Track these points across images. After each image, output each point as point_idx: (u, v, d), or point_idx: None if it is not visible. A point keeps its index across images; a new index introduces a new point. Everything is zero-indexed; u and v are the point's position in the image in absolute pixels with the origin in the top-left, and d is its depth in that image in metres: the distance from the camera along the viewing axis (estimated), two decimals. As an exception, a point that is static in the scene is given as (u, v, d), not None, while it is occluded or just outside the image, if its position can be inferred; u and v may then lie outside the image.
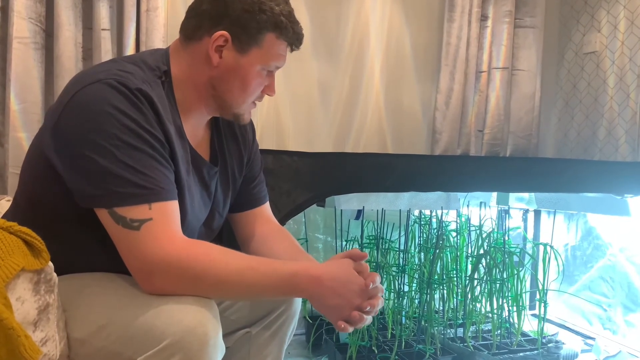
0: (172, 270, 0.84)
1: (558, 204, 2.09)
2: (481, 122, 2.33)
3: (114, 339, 0.83)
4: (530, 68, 2.36)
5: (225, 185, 1.12)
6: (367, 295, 0.93)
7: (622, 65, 2.14)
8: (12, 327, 0.66)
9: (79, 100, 0.86)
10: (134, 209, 0.84)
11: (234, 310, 1.11)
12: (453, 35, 2.23)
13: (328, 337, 1.91)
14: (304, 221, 2.10)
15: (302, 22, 0.92)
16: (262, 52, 0.98)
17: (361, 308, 0.92)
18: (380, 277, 0.97)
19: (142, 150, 0.86)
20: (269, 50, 0.98)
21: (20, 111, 1.58)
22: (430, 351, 1.78)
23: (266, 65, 1.00)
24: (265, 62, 0.99)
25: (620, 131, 2.13)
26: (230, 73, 0.99)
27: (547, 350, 1.82)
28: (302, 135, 2.13)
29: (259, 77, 1.01)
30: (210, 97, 1.02)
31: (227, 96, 1.01)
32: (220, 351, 0.84)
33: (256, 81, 1.01)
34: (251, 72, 0.99)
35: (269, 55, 0.99)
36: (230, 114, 1.04)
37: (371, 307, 0.92)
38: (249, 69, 0.99)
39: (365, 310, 0.92)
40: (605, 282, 2.18)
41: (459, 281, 1.94)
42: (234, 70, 0.98)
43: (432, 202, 1.85)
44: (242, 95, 1.01)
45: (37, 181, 0.94)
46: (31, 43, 1.58)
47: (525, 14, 2.35)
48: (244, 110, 1.04)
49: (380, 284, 0.96)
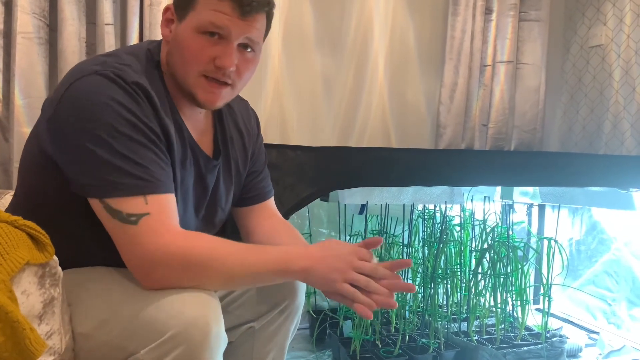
0: (174, 263, 0.84)
1: (562, 198, 2.08)
2: (485, 116, 2.32)
3: (116, 333, 0.83)
4: (535, 62, 2.35)
5: (228, 180, 1.11)
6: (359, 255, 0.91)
7: (628, 58, 2.13)
8: (18, 320, 0.66)
9: (76, 92, 0.86)
10: (129, 201, 0.84)
11: (237, 305, 1.11)
12: (457, 28, 2.22)
13: (332, 332, 1.91)
14: (307, 215, 2.10)
15: (306, 15, 0.91)
16: (196, 15, 0.91)
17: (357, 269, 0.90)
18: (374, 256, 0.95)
19: (138, 142, 0.86)
20: (203, 10, 0.90)
21: (25, 106, 1.58)
22: (434, 345, 1.78)
23: (200, 27, 0.90)
24: (199, 24, 0.90)
25: (625, 125, 2.12)
26: (173, 45, 0.94)
27: (551, 345, 1.82)
28: (306, 129, 2.13)
29: (197, 43, 0.91)
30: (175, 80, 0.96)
31: (175, 71, 0.95)
32: (222, 342, 0.84)
33: (193, 48, 0.91)
34: (186, 37, 0.91)
35: (203, 16, 0.90)
36: (189, 96, 0.95)
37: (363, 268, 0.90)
38: (185, 34, 0.92)
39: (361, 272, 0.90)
40: (610, 277, 2.17)
41: (463, 275, 1.93)
42: (175, 40, 0.93)
43: (436, 196, 1.85)
44: (184, 66, 0.93)
45: (35, 174, 0.94)
46: (35, 38, 1.59)
47: (530, 7, 2.34)
48: (194, 86, 0.94)
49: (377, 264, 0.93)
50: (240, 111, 1.16)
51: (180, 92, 0.96)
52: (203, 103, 0.96)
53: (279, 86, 2.07)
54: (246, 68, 0.97)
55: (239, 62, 0.94)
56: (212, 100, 0.96)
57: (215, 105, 0.97)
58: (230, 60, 0.92)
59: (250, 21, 0.92)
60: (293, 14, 2.07)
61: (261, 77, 2.03)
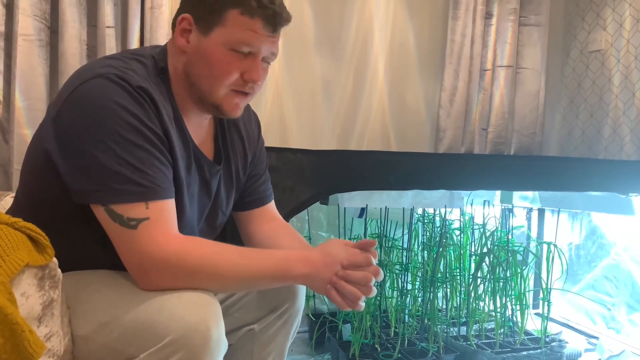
0: (168, 267, 0.84)
1: (562, 203, 2.08)
2: (485, 120, 2.32)
3: (116, 336, 0.83)
4: (534, 66, 2.35)
5: (229, 184, 1.11)
6: (350, 260, 0.92)
7: (628, 63, 2.13)
8: (17, 322, 0.66)
9: (80, 95, 0.86)
10: (131, 207, 0.84)
11: (237, 307, 1.11)
12: (457, 33, 2.23)
13: (331, 335, 1.91)
14: (307, 219, 2.10)
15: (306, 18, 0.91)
16: (225, 31, 0.92)
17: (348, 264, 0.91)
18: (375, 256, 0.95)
19: (141, 148, 0.86)
20: (233, 28, 0.91)
21: (25, 108, 1.58)
22: (433, 349, 1.77)
23: (232, 44, 0.92)
24: (230, 41, 0.92)
25: (625, 130, 2.12)
26: (197, 57, 0.94)
27: (551, 349, 1.81)
28: (306, 132, 2.13)
29: (227, 59, 0.93)
30: (191, 89, 0.97)
31: (199, 83, 0.96)
32: (223, 347, 0.84)
33: (224, 64, 0.93)
34: (215, 53, 0.93)
35: (234, 34, 0.91)
36: (210, 106, 0.98)
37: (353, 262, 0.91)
38: (213, 50, 0.93)
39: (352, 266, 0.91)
40: (609, 281, 2.17)
41: (462, 279, 1.93)
42: (200, 53, 0.94)
43: (436, 200, 1.85)
44: (212, 80, 0.94)
45: (37, 176, 0.93)
46: (36, 40, 1.59)
47: (530, 11, 2.34)
48: (220, 99, 0.96)
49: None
50: (241, 114, 1.16)
51: (199, 102, 0.98)
52: (228, 113, 0.99)
53: (279, 89, 2.08)
54: (264, 79, 1.00)
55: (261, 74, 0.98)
56: (236, 110, 0.99)
57: (238, 114, 1.00)
58: (258, 74, 0.96)
59: (276, 37, 0.97)
60: (293, 16, 2.06)
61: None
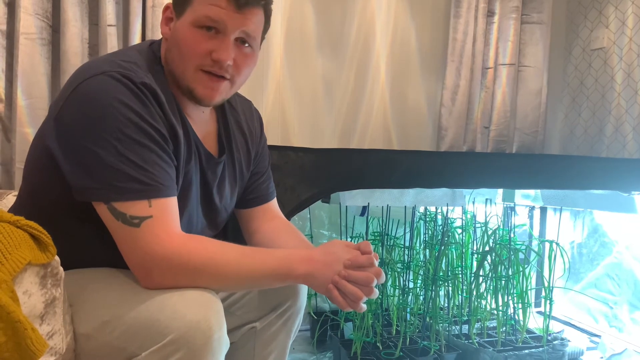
0: (170, 266, 0.84)
1: (564, 201, 2.08)
2: (487, 118, 2.32)
3: (118, 334, 0.83)
4: (537, 64, 2.35)
5: (232, 181, 1.11)
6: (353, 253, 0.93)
7: (630, 61, 2.12)
8: (19, 320, 0.66)
9: (82, 92, 0.86)
10: (133, 205, 0.84)
11: (239, 306, 1.11)
12: (459, 31, 2.22)
13: (333, 333, 1.91)
14: (308, 217, 2.10)
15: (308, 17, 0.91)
16: (192, 10, 0.92)
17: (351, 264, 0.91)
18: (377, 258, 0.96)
19: (144, 145, 0.86)
20: (199, 5, 0.91)
21: (27, 107, 1.58)
22: (435, 348, 1.77)
23: (197, 21, 0.91)
24: (195, 18, 0.91)
25: (627, 128, 2.12)
26: (172, 41, 0.95)
27: (553, 348, 1.81)
28: (307, 131, 2.13)
29: (194, 37, 0.91)
30: (173, 77, 0.96)
31: (174, 68, 0.95)
32: (224, 346, 0.84)
33: (190, 41, 0.91)
34: (183, 33, 0.92)
35: (199, 10, 0.91)
36: (186, 91, 0.95)
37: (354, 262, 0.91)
38: (182, 30, 0.92)
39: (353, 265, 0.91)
40: (612, 280, 2.17)
41: (464, 278, 1.93)
42: (173, 37, 0.94)
43: (438, 198, 1.84)
44: (181, 61, 0.93)
45: (39, 174, 0.94)
46: (38, 39, 1.59)
47: (532, 9, 2.34)
48: (192, 81, 0.93)
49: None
50: (243, 111, 1.16)
51: (179, 90, 0.96)
52: (201, 98, 0.95)
53: (280, 88, 2.08)
54: (245, 64, 0.97)
55: (236, 57, 0.94)
56: (210, 95, 0.95)
57: (214, 100, 0.97)
58: (227, 53, 0.92)
59: (246, 14, 0.93)
60: (294, 15, 2.07)
61: (262, 78, 2.03)
